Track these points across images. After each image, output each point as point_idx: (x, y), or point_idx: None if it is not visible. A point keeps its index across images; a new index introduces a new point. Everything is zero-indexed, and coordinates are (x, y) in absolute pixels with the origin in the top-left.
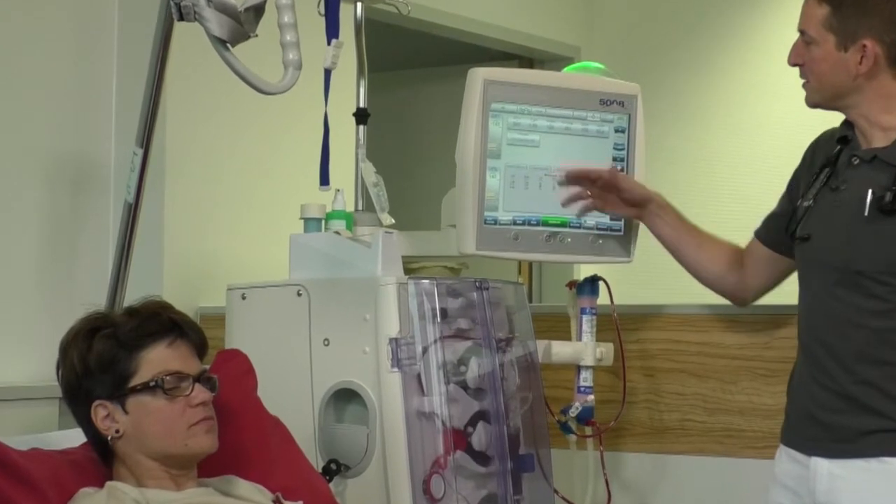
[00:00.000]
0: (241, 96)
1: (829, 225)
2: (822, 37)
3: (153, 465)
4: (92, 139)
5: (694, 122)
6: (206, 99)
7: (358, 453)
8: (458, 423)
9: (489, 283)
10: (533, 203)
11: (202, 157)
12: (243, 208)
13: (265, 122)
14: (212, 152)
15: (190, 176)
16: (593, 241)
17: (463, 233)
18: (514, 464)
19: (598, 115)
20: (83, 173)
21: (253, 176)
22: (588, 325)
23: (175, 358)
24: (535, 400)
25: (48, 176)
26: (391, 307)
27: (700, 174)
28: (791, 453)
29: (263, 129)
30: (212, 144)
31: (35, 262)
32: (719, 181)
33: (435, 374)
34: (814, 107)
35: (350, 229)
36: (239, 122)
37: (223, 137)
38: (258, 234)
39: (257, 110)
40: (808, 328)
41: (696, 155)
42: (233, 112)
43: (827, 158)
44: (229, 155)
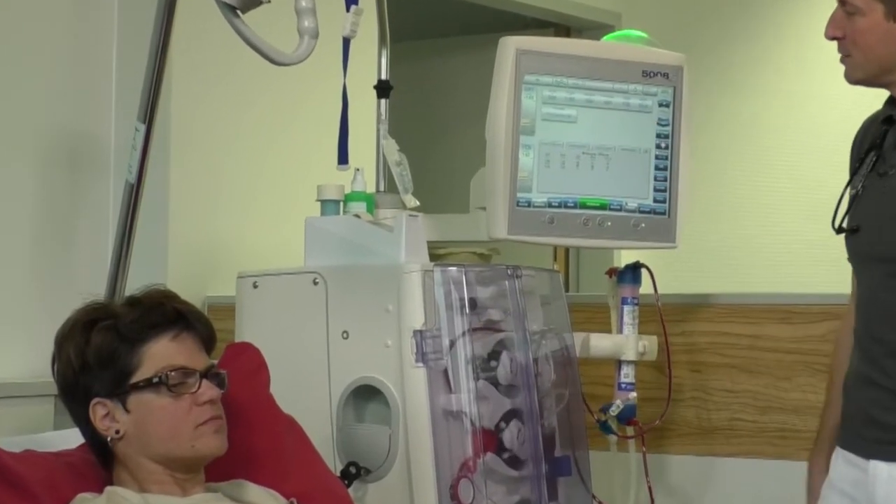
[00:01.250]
0: (252, 68)
1: (878, 214)
2: (869, 6)
3: (156, 469)
4: (90, 114)
5: (744, 95)
6: (214, 71)
7: (379, 455)
8: (488, 423)
9: (522, 270)
10: (569, 183)
11: (210, 134)
12: (255, 189)
13: (278, 96)
14: (220, 129)
15: (196, 154)
16: (635, 225)
17: (493, 216)
18: (549, 467)
19: (640, 87)
20: (80, 151)
21: (265, 154)
22: (630, 317)
23: (180, 352)
24: (572, 397)
25: (42, 154)
26: (415, 297)
27: (751, 152)
28: (848, 456)
29: (277, 104)
30: (220, 120)
31: (28, 248)
32: (772, 159)
33: (463, 370)
34: (855, 83)
35: (371, 212)
36: (250, 96)
37: (233, 113)
38: (271, 218)
39: (270, 83)
40: (864, 324)
41: (747, 132)
42: (243, 85)
43: (872, 141)
44: (239, 132)
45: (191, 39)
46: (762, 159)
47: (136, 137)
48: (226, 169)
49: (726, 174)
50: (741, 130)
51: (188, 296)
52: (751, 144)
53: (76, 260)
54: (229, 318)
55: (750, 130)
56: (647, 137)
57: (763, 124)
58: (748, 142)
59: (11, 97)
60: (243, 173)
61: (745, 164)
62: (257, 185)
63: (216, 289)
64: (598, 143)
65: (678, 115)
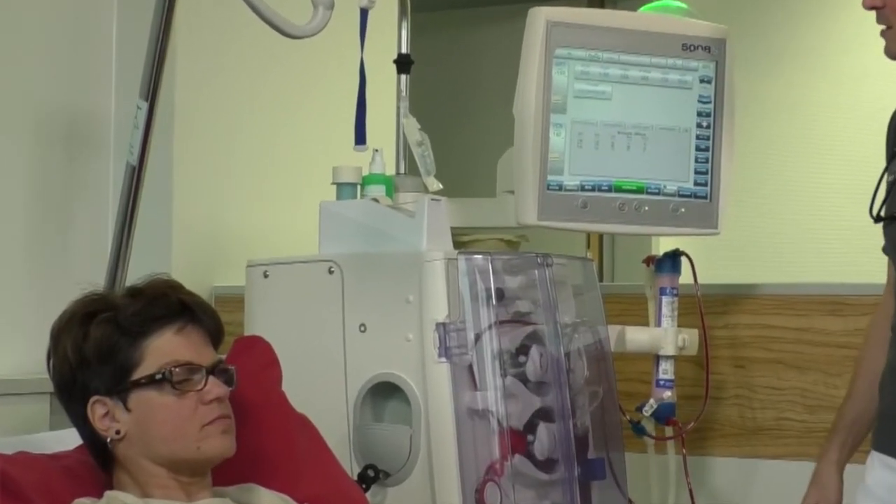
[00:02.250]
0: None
1: None
2: None
3: (160, 472)
4: (88, 90)
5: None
6: (221, 44)
7: (399, 458)
8: (516, 423)
9: (553, 258)
10: (604, 165)
11: (217, 112)
12: (265, 172)
13: (291, 72)
14: (228, 107)
15: (203, 134)
16: (674, 210)
17: (522, 200)
18: (581, 470)
19: (680, 62)
20: (78, 130)
21: (277, 134)
22: (668, 308)
23: (185, 346)
24: (607, 395)
25: (37, 134)
26: (438, 287)
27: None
28: (884, 459)
29: (289, 80)
30: (228, 97)
31: (22, 235)
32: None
33: (489, 366)
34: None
35: (390, 196)
36: (260, 72)
37: (242, 90)
38: (283, 202)
39: (282, 58)
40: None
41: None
42: (253, 60)
43: None
44: (249, 110)
45: (198, 10)
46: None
47: (137, 116)
48: (234, 150)
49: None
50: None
51: (194, 286)
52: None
53: (73, 247)
54: (238, 310)
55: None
56: (688, 116)
57: (813, 103)
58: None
59: (3, 72)
60: (253, 154)
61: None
62: (268, 167)
63: (224, 278)
64: (634, 121)
65: (720, 91)
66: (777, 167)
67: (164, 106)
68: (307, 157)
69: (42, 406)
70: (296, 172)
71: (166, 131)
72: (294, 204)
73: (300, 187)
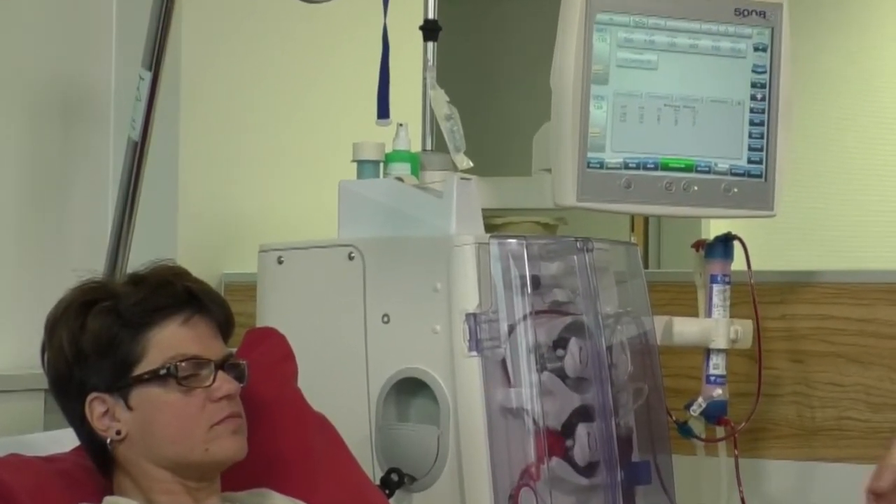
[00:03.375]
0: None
1: None
2: None
3: (164, 476)
4: (87, 59)
5: (854, 37)
6: (231, 9)
7: (426, 460)
8: (553, 423)
9: (594, 242)
10: (649, 141)
11: (227, 84)
12: (280, 148)
13: (308, 39)
14: (239, 78)
15: (211, 107)
16: (726, 190)
17: (560, 179)
18: (625, 474)
19: (732, 28)
20: (75, 103)
21: (292, 108)
22: (720, 298)
23: (192, 339)
24: (652, 392)
25: (30, 106)
26: (468, 274)
27: (861, 103)
28: None
29: (305, 48)
30: (239, 68)
31: (13, 216)
32: (885, 111)
33: (524, 360)
34: None
35: (416, 174)
36: (274, 40)
37: (254, 58)
38: (299, 181)
39: (297, 24)
40: None
41: (857, 79)
42: (266, 27)
43: None
44: (262, 80)
45: None
46: (876, 114)
47: (140, 87)
48: (246, 124)
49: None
50: (852, 79)
51: (201, 273)
52: (863, 96)
53: (69, 231)
54: (250, 299)
55: (862, 79)
56: (741, 87)
57: (878, 73)
58: (860, 92)
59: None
60: (266, 129)
61: (855, 119)
62: (283, 144)
63: (234, 264)
64: (682, 93)
65: (777, 60)
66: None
67: (168, 76)
68: (325, 133)
69: (36, 404)
70: (313, 149)
71: (171, 104)
72: (311, 183)
73: (318, 165)
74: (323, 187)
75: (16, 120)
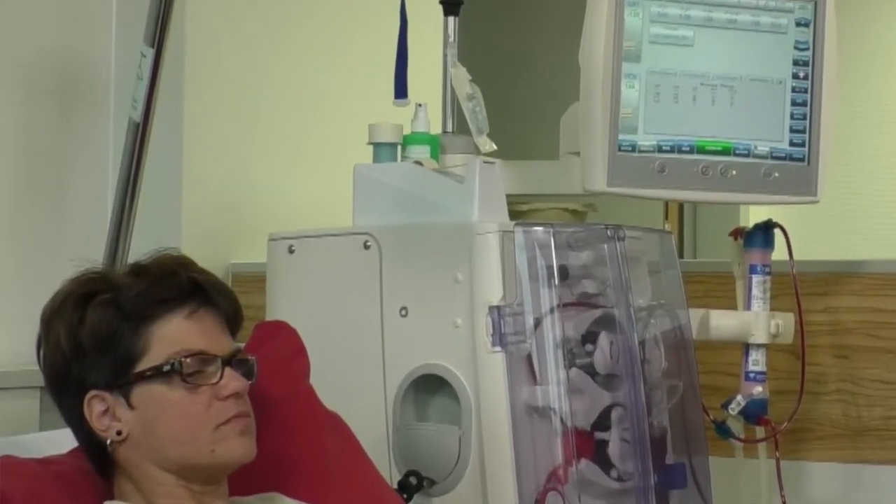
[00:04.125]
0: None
1: None
2: None
3: (167, 479)
4: (85, 34)
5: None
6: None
7: (446, 462)
8: (582, 422)
9: (625, 230)
10: (684, 122)
11: (235, 61)
12: (291, 130)
13: (322, 13)
14: (248, 54)
15: (218, 86)
16: (767, 175)
17: (590, 163)
18: (659, 477)
19: (773, 2)
20: (73, 81)
21: (304, 86)
22: (759, 289)
23: (197, 333)
24: (688, 390)
25: (26, 85)
26: (492, 264)
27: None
28: None
29: (319, 23)
30: (247, 44)
31: (7, 202)
32: None
33: (551, 355)
34: None
35: (436, 158)
36: (285, 15)
37: (263, 33)
38: (311, 165)
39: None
40: None
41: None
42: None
43: None
44: (272, 58)
45: None
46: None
47: (142, 65)
48: (255, 105)
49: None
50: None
51: (207, 263)
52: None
53: (67, 218)
54: (259, 291)
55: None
56: (782, 65)
57: None
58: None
59: None
60: (277, 110)
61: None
62: (294, 125)
63: (242, 254)
64: (720, 71)
65: (820, 36)
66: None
67: (172, 53)
68: (340, 114)
69: (31, 402)
70: (326, 131)
71: (175, 82)
72: (324, 167)
73: (331, 148)
74: (337, 171)
75: (8, 100)
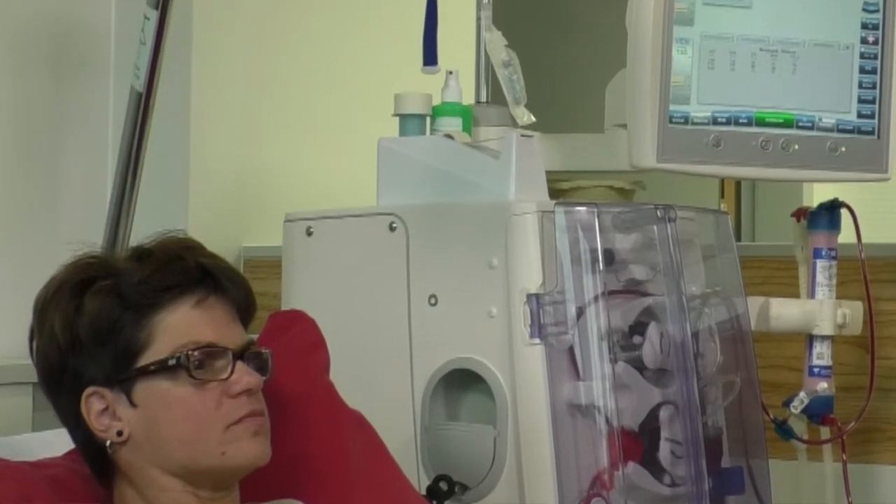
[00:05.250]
0: None
1: None
2: None
3: (173, 485)
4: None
5: None
6: None
7: (480, 466)
8: (630, 422)
9: (677, 211)
10: (742, 92)
11: (247, 24)
12: (309, 101)
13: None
14: (261, 18)
15: (229, 52)
16: (833, 149)
17: (638, 137)
18: (714, 482)
19: None
20: (70, 47)
21: (323, 52)
22: (825, 275)
23: (206, 323)
24: (746, 387)
25: (17, 51)
26: (530, 247)
27: None
28: None
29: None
30: (262, 4)
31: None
32: None
33: (595, 348)
34: None
35: (468, 131)
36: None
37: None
38: (331, 140)
39: None
40: None
41: None
42: None
43: None
44: (288, 20)
45: None
46: None
47: (144, 28)
48: (269, 72)
49: None
50: None
51: (217, 246)
52: None
53: (63, 196)
54: (273, 277)
55: None
56: (849, 28)
57: None
58: None
59: None
60: (293, 78)
61: None
62: (312, 95)
63: (255, 237)
64: (781, 35)
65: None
66: None
67: (178, 15)
68: (363, 82)
69: (23, 400)
70: (348, 101)
71: (182, 48)
72: (346, 141)
73: (354, 120)
74: (359, 146)
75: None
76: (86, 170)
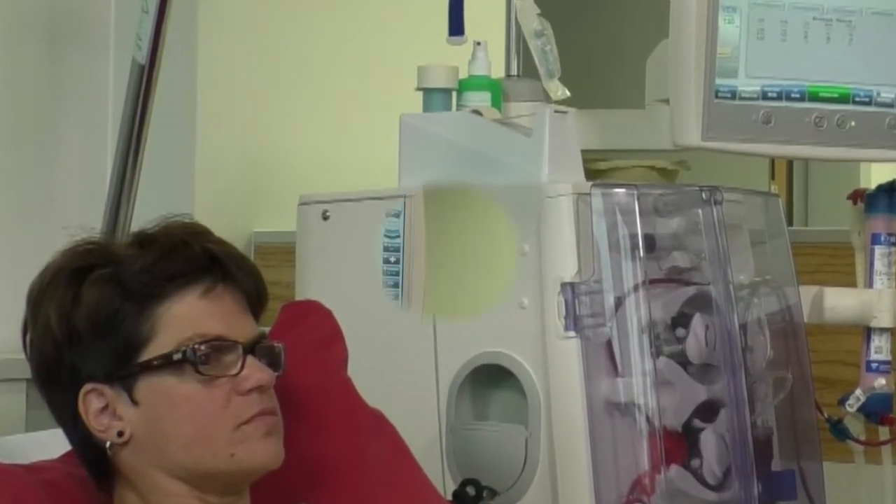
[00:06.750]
0: None
1: None
2: None
3: (178, 489)
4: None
5: None
6: None
7: (511, 469)
8: (673, 421)
9: (724, 193)
10: (794, 64)
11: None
12: (325, 74)
13: None
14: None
15: (238, 23)
16: (892, 126)
17: (681, 113)
18: (763, 486)
19: None
20: (66, 16)
21: (341, 21)
22: (884, 262)
23: (214, 314)
24: (798, 383)
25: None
26: (564, 232)
27: None
28: None
29: None
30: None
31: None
32: None
33: (636, 342)
34: None
35: (497, 106)
36: None
37: None
38: (349, 116)
39: None
40: None
41: None
42: None
43: None
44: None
45: None
46: None
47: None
48: (281, 44)
49: None
50: None
51: (225, 232)
52: None
53: (60, 177)
54: (286, 265)
55: None
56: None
57: None
58: None
59: None
60: (307, 50)
61: None
62: (329, 68)
63: (267, 221)
64: (836, 3)
65: None
66: None
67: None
68: (383, 54)
69: (16, 398)
70: (367, 74)
71: (187, 18)
72: (364, 119)
73: (373, 95)
74: (380, 123)
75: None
76: (84, 149)
